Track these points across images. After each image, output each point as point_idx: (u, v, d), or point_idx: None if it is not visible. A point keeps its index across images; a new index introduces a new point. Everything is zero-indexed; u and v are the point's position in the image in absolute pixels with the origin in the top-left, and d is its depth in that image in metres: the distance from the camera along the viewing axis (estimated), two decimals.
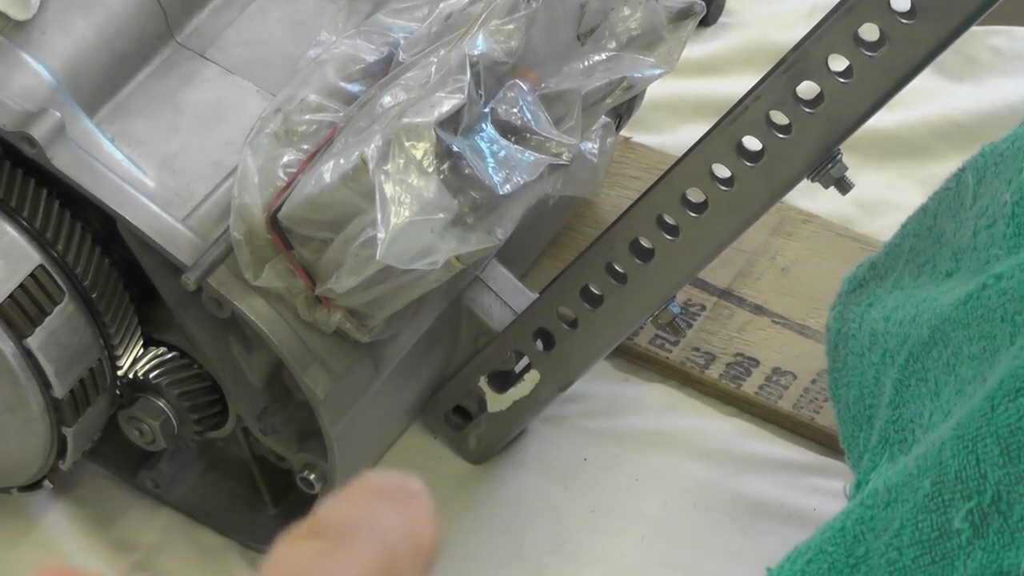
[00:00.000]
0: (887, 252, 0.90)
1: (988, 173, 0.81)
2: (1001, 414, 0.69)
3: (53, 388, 0.88)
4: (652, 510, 1.00)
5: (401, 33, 0.90)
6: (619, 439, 1.04)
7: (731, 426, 1.04)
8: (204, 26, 0.94)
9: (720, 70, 1.25)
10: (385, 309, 0.86)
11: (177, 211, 0.87)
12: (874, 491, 0.73)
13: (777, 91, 0.83)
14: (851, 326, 0.88)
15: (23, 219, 0.87)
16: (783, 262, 1.11)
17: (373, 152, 0.79)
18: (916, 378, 0.80)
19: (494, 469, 1.03)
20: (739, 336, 1.07)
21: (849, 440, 0.87)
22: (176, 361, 0.93)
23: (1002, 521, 0.68)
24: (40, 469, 0.94)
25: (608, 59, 0.88)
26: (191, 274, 0.84)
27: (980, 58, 1.24)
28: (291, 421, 0.94)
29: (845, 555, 0.73)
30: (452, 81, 0.82)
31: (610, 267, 0.92)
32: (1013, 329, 0.72)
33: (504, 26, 0.84)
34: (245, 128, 0.88)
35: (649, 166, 1.16)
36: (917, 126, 1.20)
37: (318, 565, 0.30)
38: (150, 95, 0.90)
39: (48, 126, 0.84)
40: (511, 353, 0.98)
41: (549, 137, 0.84)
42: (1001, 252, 0.77)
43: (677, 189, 0.88)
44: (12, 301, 0.86)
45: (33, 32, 0.87)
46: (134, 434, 0.95)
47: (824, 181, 0.86)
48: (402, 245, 0.79)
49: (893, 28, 0.79)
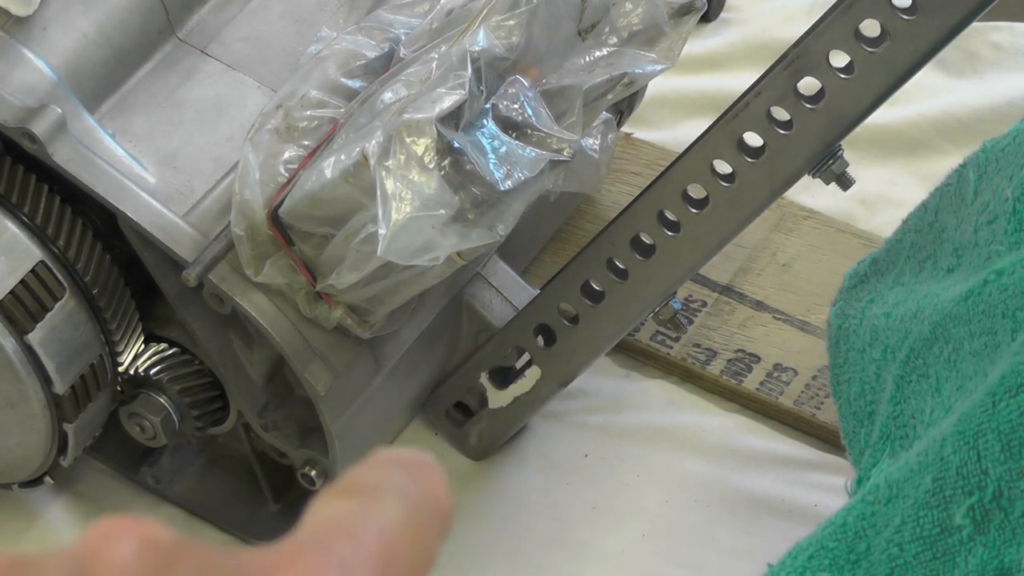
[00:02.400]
0: (888, 248, 0.90)
1: (989, 169, 0.81)
2: (1002, 410, 0.69)
3: (54, 384, 0.88)
4: (653, 506, 1.00)
5: (402, 29, 0.90)
6: (620, 435, 1.04)
7: (732, 422, 1.04)
8: (205, 22, 0.94)
9: (721, 66, 1.25)
10: (386, 305, 0.86)
11: (178, 207, 0.87)
12: (875, 487, 0.73)
13: (778, 87, 0.83)
14: (852, 322, 0.88)
15: (24, 215, 0.87)
16: (784, 258, 1.11)
17: (374, 148, 0.79)
18: (917, 374, 0.80)
19: (495, 465, 1.03)
20: (740, 332, 1.07)
21: (850, 436, 0.87)
22: (177, 357, 0.93)
23: (1003, 517, 0.68)
24: (41, 465, 0.94)
25: (609, 55, 0.88)
26: (192, 270, 0.84)
27: (981, 54, 1.24)
28: (292, 417, 0.94)
29: (846, 551, 0.73)
30: (453, 77, 0.82)
31: (611, 263, 0.92)
32: (1014, 325, 0.72)
33: (505, 22, 0.84)
34: (246, 124, 0.88)
35: (650, 162, 1.16)
36: (918, 122, 1.20)
37: (351, 518, 0.33)
38: (151, 91, 0.90)
39: (49, 122, 0.84)
40: (512, 349, 0.98)
41: (550, 133, 0.84)
42: (1002, 248, 0.77)
43: (678, 185, 0.88)
44: (13, 297, 0.86)
45: (34, 28, 0.87)
46: (135, 430, 0.95)
47: (825, 177, 0.86)
48: (403, 241, 0.79)
49: (894, 24, 0.79)
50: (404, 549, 0.33)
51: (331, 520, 0.33)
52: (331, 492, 0.34)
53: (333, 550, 0.32)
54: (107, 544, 0.32)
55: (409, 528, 0.34)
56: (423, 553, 0.34)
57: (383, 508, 0.34)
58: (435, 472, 0.35)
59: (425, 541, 0.34)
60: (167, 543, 0.32)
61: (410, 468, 0.35)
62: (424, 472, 0.35)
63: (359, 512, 0.33)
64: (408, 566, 0.34)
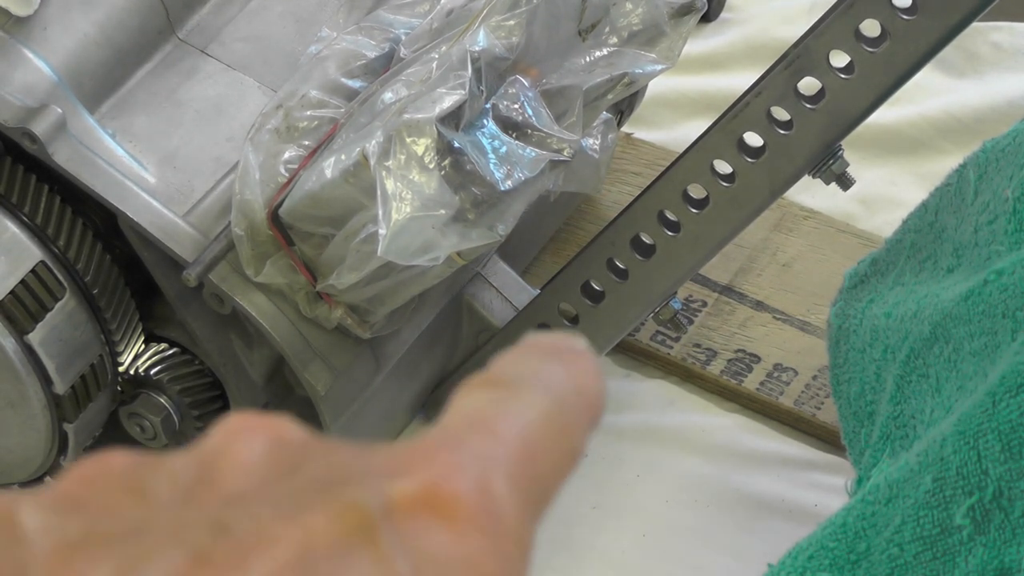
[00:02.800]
0: (888, 248, 0.90)
1: (989, 169, 0.81)
2: (1002, 410, 0.69)
3: (54, 384, 0.88)
4: (653, 506, 1.00)
5: (402, 29, 0.90)
6: (620, 435, 1.04)
7: (732, 422, 1.04)
8: (205, 22, 0.94)
9: (721, 66, 1.25)
10: (386, 305, 0.86)
11: (178, 207, 0.87)
12: (875, 487, 0.73)
13: (778, 87, 0.83)
14: (852, 322, 0.88)
15: (24, 215, 0.87)
16: (784, 258, 1.11)
17: (374, 148, 0.79)
18: (917, 374, 0.80)
19: None
20: (740, 332, 1.07)
21: (850, 436, 0.87)
22: (177, 357, 0.93)
23: (1003, 517, 0.68)
24: (41, 465, 0.94)
25: (609, 55, 0.88)
26: (192, 270, 0.84)
27: (981, 54, 1.24)
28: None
29: (846, 551, 0.73)
30: (453, 77, 0.82)
31: (611, 263, 0.92)
32: (1014, 325, 0.72)
33: (505, 22, 0.84)
34: (246, 124, 0.88)
35: (650, 162, 1.16)
36: (918, 122, 1.20)
37: (495, 409, 0.31)
38: (151, 91, 0.90)
39: (49, 122, 0.84)
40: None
41: (550, 133, 0.84)
42: (1002, 248, 0.77)
43: (678, 185, 0.88)
44: (13, 297, 0.86)
45: (34, 28, 0.87)
46: (135, 430, 0.95)
47: (825, 177, 0.86)
48: (403, 241, 0.79)
49: (894, 24, 0.79)
50: (547, 444, 0.32)
51: (470, 414, 0.31)
52: (474, 383, 0.32)
53: (470, 447, 0.30)
54: (235, 441, 0.31)
55: (554, 422, 0.32)
56: (569, 448, 0.32)
57: (527, 400, 0.32)
58: (587, 359, 0.34)
59: (572, 435, 0.33)
60: (296, 441, 0.31)
61: (560, 355, 0.33)
62: (574, 359, 0.33)
63: (500, 405, 0.31)
64: (551, 463, 0.32)
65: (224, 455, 0.30)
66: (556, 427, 0.32)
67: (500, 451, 0.31)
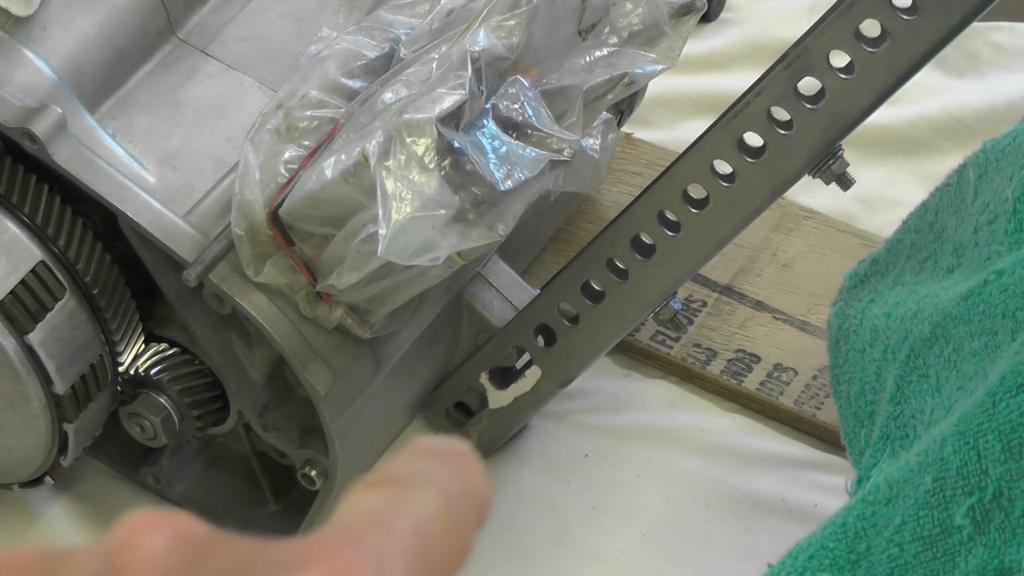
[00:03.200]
0: (888, 248, 0.90)
1: (989, 169, 0.81)
2: (1002, 410, 0.69)
3: (54, 384, 0.88)
4: (653, 506, 1.00)
5: (402, 29, 0.90)
6: (620, 435, 1.04)
7: (732, 422, 1.04)
8: (205, 22, 0.94)
9: (721, 66, 1.25)
10: (386, 305, 0.86)
11: (178, 207, 0.87)
12: (875, 487, 0.73)
13: (778, 87, 0.83)
14: (852, 322, 0.88)
15: (24, 215, 0.87)
16: (784, 258, 1.11)
17: (374, 148, 0.79)
18: (917, 374, 0.80)
19: (495, 465, 1.03)
20: (740, 332, 1.07)
21: (850, 436, 0.87)
22: (177, 357, 0.93)
23: (1003, 517, 0.68)
24: (41, 465, 0.94)
25: (609, 55, 0.88)
26: (192, 270, 0.84)
27: (981, 54, 1.24)
28: (292, 417, 0.94)
29: (846, 551, 0.73)
30: (453, 77, 0.82)
31: (611, 263, 0.92)
32: (1014, 325, 0.72)
33: (505, 22, 0.84)
34: (246, 124, 0.88)
35: (650, 162, 1.16)
36: (918, 122, 1.20)
37: (386, 507, 0.33)
38: (151, 91, 0.90)
39: (49, 122, 0.84)
40: (512, 349, 0.98)
41: (550, 133, 0.84)
42: (1002, 248, 0.77)
43: (678, 185, 0.88)
44: (13, 297, 0.86)
45: (34, 28, 0.87)
46: (135, 430, 0.95)
47: (825, 177, 0.86)
48: (403, 241, 0.79)
49: (894, 24, 0.79)
50: (440, 540, 0.33)
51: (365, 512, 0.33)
52: (365, 483, 0.33)
53: (367, 542, 0.32)
54: (139, 537, 0.31)
55: (446, 518, 0.33)
56: (459, 544, 0.34)
57: (418, 499, 0.33)
58: (471, 461, 0.35)
59: (461, 531, 0.34)
60: (199, 536, 0.32)
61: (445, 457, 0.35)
62: (460, 461, 0.35)
63: (393, 503, 0.33)
64: (444, 557, 0.33)
65: (128, 551, 0.31)
66: (448, 523, 0.33)
67: (396, 546, 0.32)
